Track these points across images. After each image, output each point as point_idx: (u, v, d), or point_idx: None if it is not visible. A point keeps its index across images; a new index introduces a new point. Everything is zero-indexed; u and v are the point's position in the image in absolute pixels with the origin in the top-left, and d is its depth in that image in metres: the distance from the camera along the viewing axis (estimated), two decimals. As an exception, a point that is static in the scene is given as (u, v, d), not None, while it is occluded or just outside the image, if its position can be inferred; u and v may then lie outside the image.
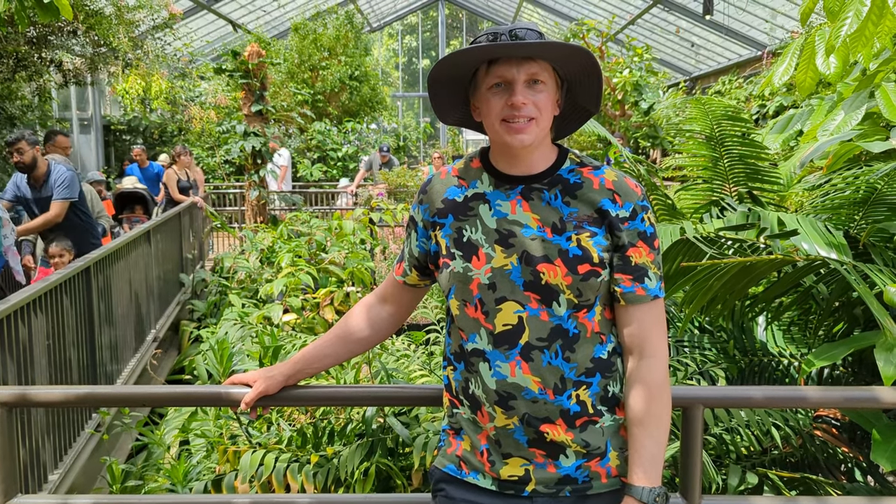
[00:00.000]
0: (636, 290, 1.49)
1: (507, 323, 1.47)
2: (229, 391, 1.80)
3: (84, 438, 3.89)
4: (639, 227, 1.49)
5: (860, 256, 2.73)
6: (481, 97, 1.49)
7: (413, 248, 1.65)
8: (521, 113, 1.43)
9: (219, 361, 2.69)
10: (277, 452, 2.74)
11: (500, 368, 1.47)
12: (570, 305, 1.46)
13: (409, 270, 1.68)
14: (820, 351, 2.26)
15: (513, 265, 1.46)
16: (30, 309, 3.37)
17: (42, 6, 4.11)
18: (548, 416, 1.47)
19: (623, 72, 13.40)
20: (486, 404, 1.50)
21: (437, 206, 1.58)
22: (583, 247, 1.46)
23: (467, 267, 1.49)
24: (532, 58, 1.43)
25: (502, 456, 1.51)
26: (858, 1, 2.54)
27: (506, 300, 1.47)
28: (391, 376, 2.73)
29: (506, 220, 1.49)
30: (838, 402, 1.84)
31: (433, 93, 1.56)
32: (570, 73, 1.51)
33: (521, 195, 1.50)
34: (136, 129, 14.85)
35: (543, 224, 1.47)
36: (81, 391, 1.82)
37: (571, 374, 1.47)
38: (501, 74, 1.44)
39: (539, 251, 1.46)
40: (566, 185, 1.50)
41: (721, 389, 1.93)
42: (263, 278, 7.19)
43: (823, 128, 3.07)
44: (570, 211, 1.48)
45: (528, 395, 1.46)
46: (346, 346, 1.76)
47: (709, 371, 2.80)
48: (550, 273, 1.45)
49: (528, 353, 1.46)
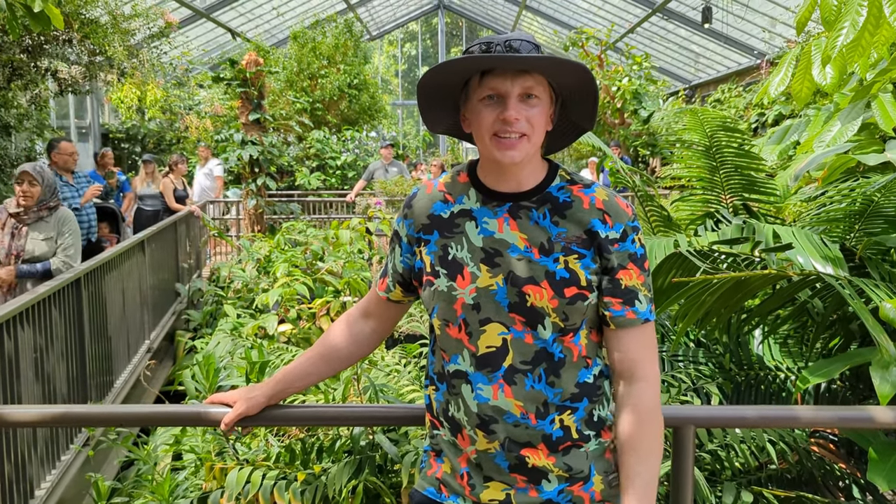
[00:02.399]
0: (626, 313, 1.45)
1: (491, 345, 1.42)
2: (209, 411, 1.76)
3: (72, 453, 3.84)
4: (629, 249, 1.44)
5: (856, 269, 2.68)
6: (472, 108, 1.43)
7: (397, 263, 1.61)
8: (513, 128, 1.37)
9: (205, 377, 2.64)
10: (265, 469, 2.69)
11: (482, 391, 1.43)
12: (555, 329, 1.41)
13: (392, 286, 1.63)
14: (815, 367, 2.21)
15: (498, 286, 1.42)
16: (16, 322, 3.32)
17: (33, 15, 4.09)
18: (529, 440, 1.42)
19: (622, 80, 13.40)
20: (468, 427, 1.45)
21: (422, 221, 1.53)
22: (570, 269, 1.41)
23: (451, 286, 1.45)
24: (527, 71, 1.38)
25: (483, 479, 1.47)
26: (855, 11, 2.51)
27: (490, 321, 1.42)
28: (382, 392, 2.68)
29: (492, 239, 1.44)
30: (832, 421, 1.80)
31: (422, 100, 1.50)
32: (566, 88, 1.46)
33: (508, 213, 1.45)
34: (134, 138, 14.83)
35: (531, 244, 1.43)
36: (57, 411, 1.78)
37: (556, 399, 1.43)
38: (495, 87, 1.38)
39: (525, 272, 1.41)
40: (555, 204, 1.45)
41: (713, 409, 1.89)
42: (260, 288, 7.15)
43: (819, 139, 3.03)
44: (558, 231, 1.43)
45: (509, 419, 1.42)
46: (329, 364, 1.72)
47: (703, 387, 2.75)
48: (536, 295, 1.40)
49: (511, 376, 1.42)
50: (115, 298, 5.22)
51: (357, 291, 6.59)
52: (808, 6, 2.78)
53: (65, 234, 4.64)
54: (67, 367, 4.04)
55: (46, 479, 3.60)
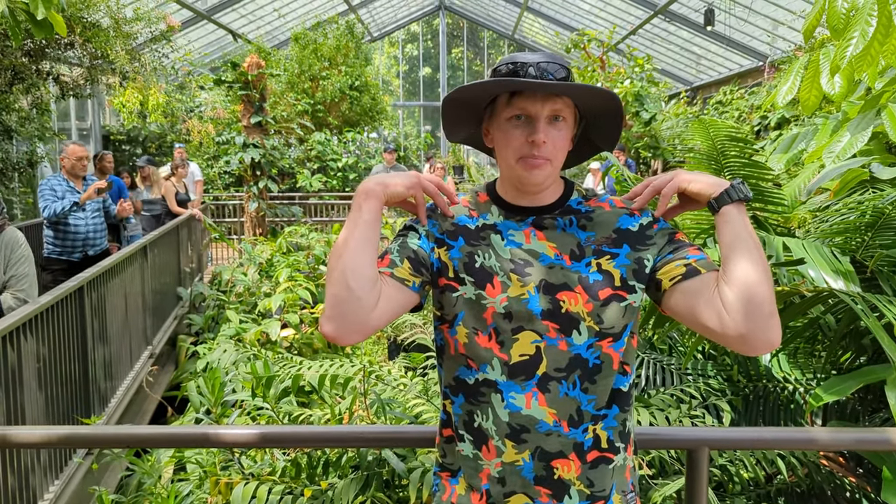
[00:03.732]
0: (701, 258, 1.38)
1: (524, 353, 1.40)
2: (217, 432, 1.74)
3: (75, 464, 3.82)
4: (667, 227, 1.45)
5: (867, 282, 2.66)
6: (499, 126, 1.44)
7: (409, 243, 1.46)
8: (539, 152, 1.38)
9: (210, 391, 2.62)
10: (271, 484, 2.67)
11: (514, 400, 1.40)
12: (591, 333, 1.40)
13: (399, 262, 1.42)
14: (828, 385, 2.19)
15: (530, 294, 1.40)
16: (19, 333, 3.30)
17: (36, 23, 4.07)
18: (561, 449, 1.40)
19: (624, 82, 13.36)
20: (495, 438, 1.42)
21: (446, 226, 1.49)
22: (604, 271, 1.41)
23: (480, 294, 1.42)
24: (557, 94, 1.39)
25: (504, 495, 1.44)
26: (864, 21, 2.49)
27: (523, 329, 1.40)
28: (388, 407, 2.66)
29: (520, 250, 1.43)
30: (850, 444, 1.77)
31: (447, 112, 1.50)
32: (591, 110, 1.47)
33: (533, 225, 1.46)
34: (135, 140, 14.81)
35: (561, 252, 1.42)
36: (63, 432, 1.76)
37: (589, 406, 1.41)
38: (524, 108, 1.39)
39: (558, 279, 1.40)
40: (578, 215, 1.47)
41: (728, 431, 1.86)
42: (262, 292, 7.14)
43: (829, 149, 3.01)
44: (587, 235, 1.44)
45: (541, 427, 1.40)
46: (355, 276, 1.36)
47: (713, 404, 2.73)
48: (571, 301, 1.39)
49: (545, 383, 1.40)
50: (118, 304, 5.19)
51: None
52: (816, 14, 2.76)
53: (14, 262, 3.74)
54: (70, 377, 4.01)
55: (49, 490, 3.57)
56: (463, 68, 27.41)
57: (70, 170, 6.06)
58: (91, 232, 6.19)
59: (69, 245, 6.08)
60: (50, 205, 5.86)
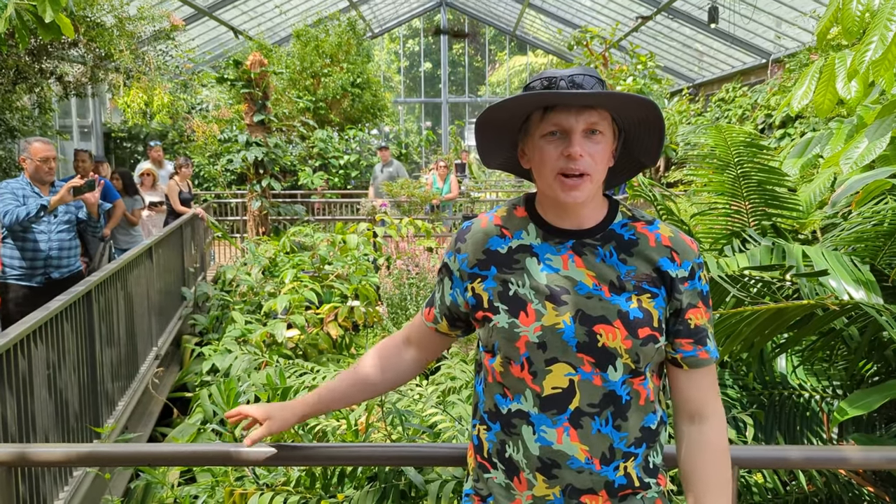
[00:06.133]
0: (699, 353, 1.42)
1: (557, 386, 1.37)
2: (239, 451, 1.72)
3: (84, 470, 3.79)
4: (697, 287, 1.41)
5: (887, 290, 2.64)
6: (534, 144, 1.39)
7: (445, 295, 1.55)
8: (577, 165, 1.33)
9: (225, 401, 2.60)
10: (286, 494, 2.65)
11: (545, 434, 1.38)
12: (626, 370, 1.37)
13: (439, 318, 1.58)
14: (853, 399, 2.17)
15: (566, 324, 1.36)
16: (29, 340, 3.28)
17: (44, 25, 4.03)
18: (592, 486, 1.38)
19: (627, 79, 13.32)
20: (526, 470, 1.40)
21: (477, 256, 1.47)
22: (644, 308, 1.37)
23: (513, 323, 1.39)
24: (592, 106, 1.34)
25: None
26: (883, 26, 2.47)
27: (557, 361, 1.37)
28: (405, 419, 2.64)
29: (558, 276, 1.39)
30: (880, 463, 1.76)
31: (481, 136, 1.47)
32: (630, 122, 1.42)
33: (572, 250, 1.41)
34: (136, 137, 14.77)
35: (600, 282, 1.38)
36: (83, 450, 1.74)
37: (621, 443, 1.38)
38: (558, 122, 1.34)
39: (596, 311, 1.36)
40: (620, 242, 1.41)
41: (757, 450, 1.85)
42: (266, 291, 7.12)
43: (846, 156, 2.98)
44: (627, 269, 1.39)
45: (573, 464, 1.37)
46: (364, 390, 1.66)
47: (733, 416, 2.71)
48: (609, 335, 1.35)
49: (577, 419, 1.37)
50: (124, 307, 5.16)
51: (365, 297, 6.56)
52: (830, 17, 2.74)
53: None
54: (78, 381, 3.99)
55: (59, 496, 3.55)
56: (464, 64, 27.34)
57: (34, 174, 4.85)
58: (55, 249, 5.02)
59: (27, 267, 4.91)
60: (12, 210, 4.66)
